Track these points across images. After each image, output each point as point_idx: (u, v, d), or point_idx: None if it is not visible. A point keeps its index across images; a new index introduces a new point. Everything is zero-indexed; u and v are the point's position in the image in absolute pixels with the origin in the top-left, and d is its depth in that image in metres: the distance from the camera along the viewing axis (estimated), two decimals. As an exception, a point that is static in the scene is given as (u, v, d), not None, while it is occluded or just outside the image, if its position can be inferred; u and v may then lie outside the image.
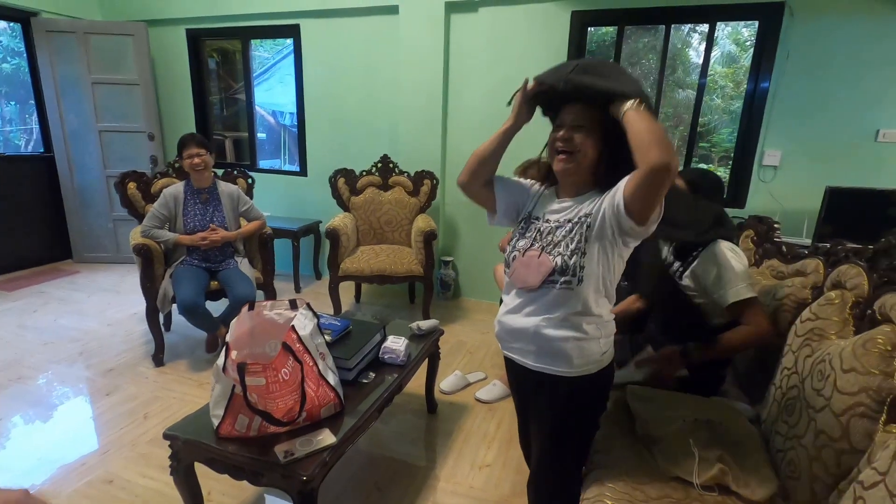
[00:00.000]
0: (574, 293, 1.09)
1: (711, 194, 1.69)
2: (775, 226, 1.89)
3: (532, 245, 1.16)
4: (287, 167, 6.64)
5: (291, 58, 3.84)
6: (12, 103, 7.19)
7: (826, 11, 2.62)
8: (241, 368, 1.22)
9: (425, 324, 2.12)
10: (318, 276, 4.08)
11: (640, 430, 1.32)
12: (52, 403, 2.24)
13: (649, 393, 1.41)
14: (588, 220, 1.09)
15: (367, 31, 3.49)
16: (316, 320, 1.54)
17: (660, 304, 1.67)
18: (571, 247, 1.09)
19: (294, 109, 8.07)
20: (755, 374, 1.58)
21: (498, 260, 3.29)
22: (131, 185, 2.73)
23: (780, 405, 1.32)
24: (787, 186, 2.86)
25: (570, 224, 1.12)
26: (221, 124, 4.92)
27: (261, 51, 8.15)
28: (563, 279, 1.09)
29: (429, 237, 3.01)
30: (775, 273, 1.79)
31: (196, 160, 2.47)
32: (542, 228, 1.17)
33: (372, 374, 1.73)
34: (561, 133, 1.12)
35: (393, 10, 3.34)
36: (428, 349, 2.06)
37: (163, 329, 2.65)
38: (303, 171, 4.01)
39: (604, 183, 1.10)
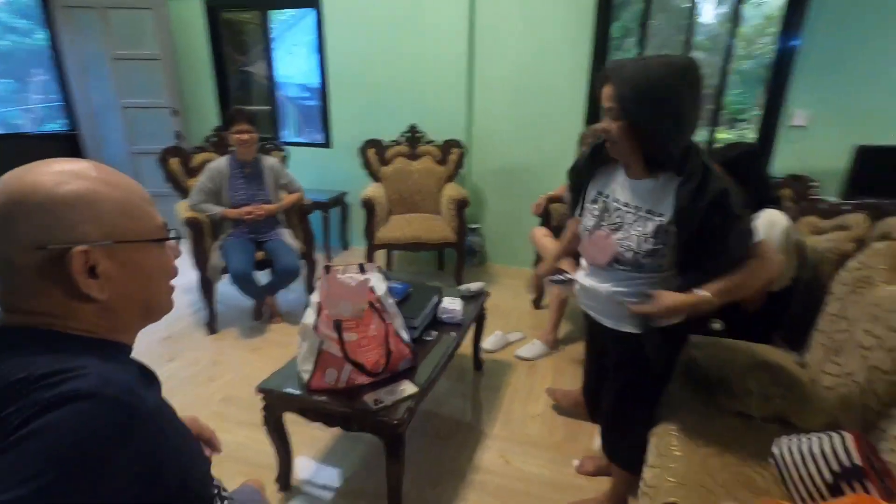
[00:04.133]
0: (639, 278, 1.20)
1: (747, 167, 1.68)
2: (812, 185, 1.97)
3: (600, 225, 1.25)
4: (295, 139, 6.59)
5: (297, 28, 3.81)
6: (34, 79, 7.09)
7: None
8: (338, 325, 1.33)
9: (473, 286, 2.23)
10: (346, 246, 4.18)
11: (702, 375, 1.44)
12: (119, 370, 2.37)
13: (708, 341, 1.52)
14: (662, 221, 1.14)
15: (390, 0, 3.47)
16: (387, 283, 1.65)
17: None
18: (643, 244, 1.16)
19: (303, 80, 7.89)
20: (797, 324, 1.69)
21: (527, 224, 3.38)
22: (173, 161, 2.79)
23: (827, 348, 1.43)
24: (813, 146, 2.92)
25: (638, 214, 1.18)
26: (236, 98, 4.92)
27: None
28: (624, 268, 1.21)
29: (461, 205, 3.09)
30: (813, 229, 1.88)
31: (245, 136, 2.53)
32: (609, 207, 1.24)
33: (435, 333, 1.85)
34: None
35: (417, -25, 3.32)
36: (477, 309, 2.18)
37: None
38: (326, 143, 4.05)
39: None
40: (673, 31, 7.65)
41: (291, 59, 7.70)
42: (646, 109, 1.04)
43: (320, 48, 3.82)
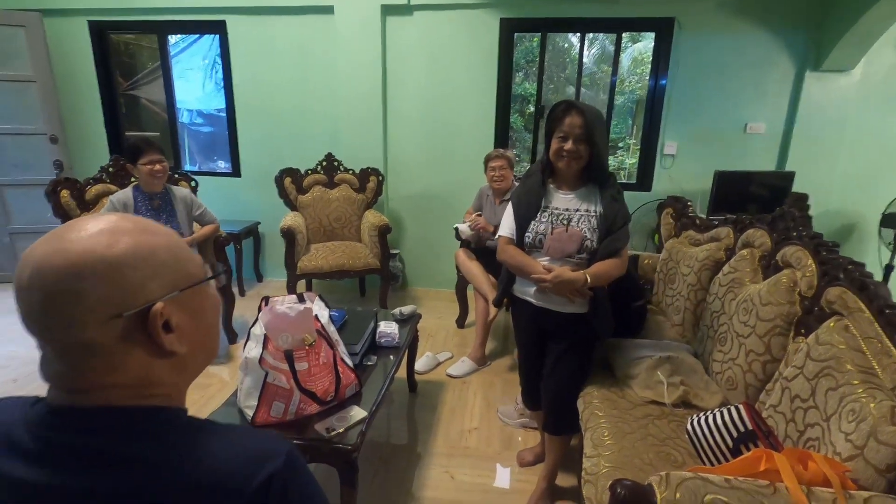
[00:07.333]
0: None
1: None
2: (689, 204, 2.34)
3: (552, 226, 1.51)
4: (190, 167, 6.18)
5: (189, 52, 3.68)
6: None
7: (705, 27, 3.19)
8: (290, 355, 1.33)
9: (406, 309, 2.29)
10: (260, 278, 4.01)
11: (618, 372, 1.64)
12: None
13: (619, 343, 1.74)
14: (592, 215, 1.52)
15: (302, 30, 3.49)
16: (328, 310, 1.66)
17: None
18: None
19: (197, 106, 7.47)
20: (688, 321, 1.98)
21: (445, 247, 3.53)
22: (64, 194, 2.53)
23: (713, 340, 1.71)
24: (683, 171, 3.44)
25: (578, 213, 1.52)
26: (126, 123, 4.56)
27: (156, 46, 7.49)
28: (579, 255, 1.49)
29: (384, 231, 3.15)
30: (692, 241, 2.23)
31: (157, 167, 2.37)
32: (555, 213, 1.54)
33: (374, 357, 1.89)
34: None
35: (328, 10, 3.39)
36: (411, 332, 2.24)
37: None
38: (235, 172, 3.90)
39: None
40: (555, 69, 8.52)
41: (183, 83, 7.27)
42: (602, 137, 1.45)
43: (226, 75, 3.71)
